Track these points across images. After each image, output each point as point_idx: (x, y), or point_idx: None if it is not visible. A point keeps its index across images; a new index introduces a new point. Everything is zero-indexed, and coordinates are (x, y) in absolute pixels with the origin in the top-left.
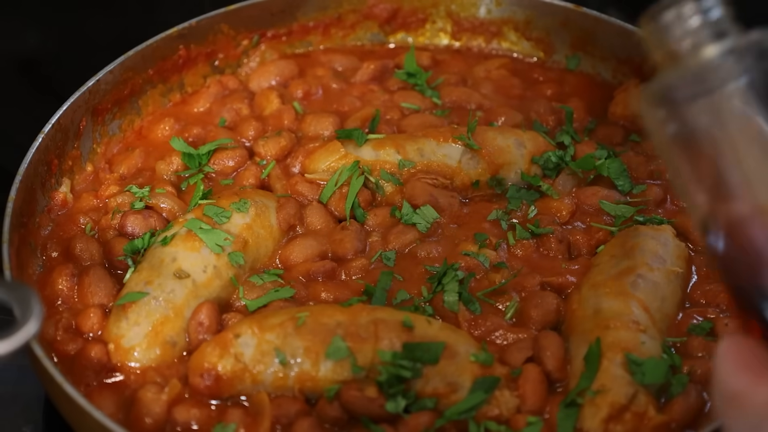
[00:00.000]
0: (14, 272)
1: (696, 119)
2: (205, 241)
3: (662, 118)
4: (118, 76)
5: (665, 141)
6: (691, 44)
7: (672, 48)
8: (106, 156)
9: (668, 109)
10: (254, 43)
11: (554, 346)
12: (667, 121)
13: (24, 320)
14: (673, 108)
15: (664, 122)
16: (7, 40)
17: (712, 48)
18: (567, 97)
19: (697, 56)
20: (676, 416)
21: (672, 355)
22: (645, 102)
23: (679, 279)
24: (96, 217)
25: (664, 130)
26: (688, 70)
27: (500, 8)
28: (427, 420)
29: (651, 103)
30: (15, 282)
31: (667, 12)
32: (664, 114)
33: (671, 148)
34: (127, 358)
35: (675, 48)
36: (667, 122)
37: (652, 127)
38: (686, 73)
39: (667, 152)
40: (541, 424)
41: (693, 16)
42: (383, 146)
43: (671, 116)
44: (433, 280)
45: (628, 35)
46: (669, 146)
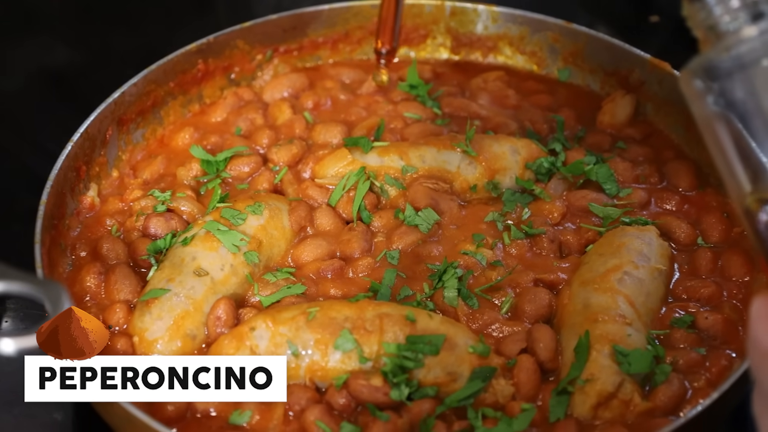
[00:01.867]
0: (46, 270)
1: (735, 95)
2: (223, 241)
3: (702, 93)
4: (142, 88)
5: (705, 117)
6: (731, 23)
7: (713, 26)
8: (131, 162)
9: (708, 85)
10: (268, 57)
11: (546, 339)
12: (706, 97)
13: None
14: (713, 85)
15: (704, 97)
16: (40, 55)
17: (751, 27)
18: (558, 107)
19: (737, 34)
20: (660, 403)
21: (656, 347)
22: (687, 76)
23: (663, 276)
24: (121, 219)
25: (704, 105)
26: (729, 47)
27: (496, 24)
28: (429, 407)
29: (693, 77)
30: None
31: None
32: (704, 90)
33: (711, 123)
34: (150, 350)
35: (716, 26)
36: (706, 98)
37: (692, 103)
38: (726, 50)
39: (708, 129)
40: (534, 410)
41: None
42: (387, 153)
43: (711, 92)
44: (434, 277)
45: (615, 50)
46: (709, 123)
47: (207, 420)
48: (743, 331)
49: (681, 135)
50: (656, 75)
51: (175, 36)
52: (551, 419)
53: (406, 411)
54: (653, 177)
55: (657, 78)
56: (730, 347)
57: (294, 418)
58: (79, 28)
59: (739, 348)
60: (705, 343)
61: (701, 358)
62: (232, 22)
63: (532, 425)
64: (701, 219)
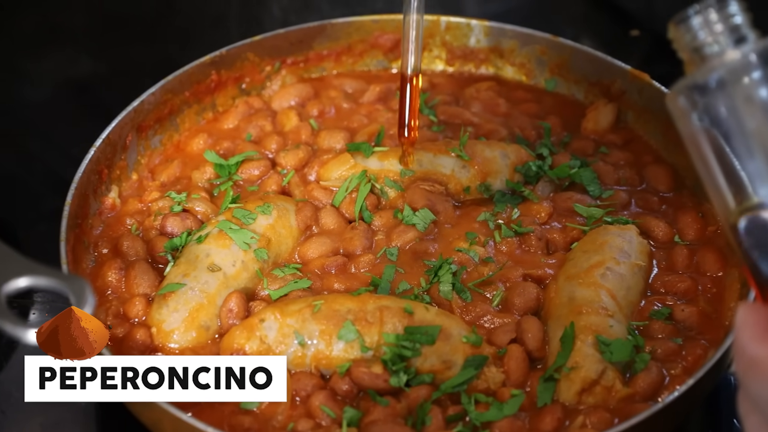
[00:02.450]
0: (70, 266)
1: (717, 112)
2: (234, 239)
3: (688, 111)
4: (159, 97)
5: (691, 134)
6: (715, 47)
7: (698, 49)
8: (149, 166)
9: (694, 104)
10: (276, 68)
11: (534, 329)
12: (692, 115)
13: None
14: (699, 103)
15: (689, 115)
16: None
17: (734, 50)
18: (545, 115)
19: (720, 57)
20: (640, 389)
21: (636, 337)
22: (673, 96)
23: (642, 271)
24: (140, 219)
25: (689, 122)
26: (712, 69)
27: (488, 38)
28: (426, 393)
29: (679, 96)
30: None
31: (695, 18)
32: (690, 108)
33: (696, 140)
34: (167, 340)
35: (701, 49)
36: (692, 115)
37: (678, 119)
38: (710, 71)
39: (692, 145)
40: (523, 396)
41: (717, 23)
42: (387, 157)
43: (696, 110)
44: (430, 272)
45: (598, 61)
46: (694, 139)
47: (220, 405)
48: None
49: (659, 141)
50: (636, 85)
51: (190, 49)
52: (539, 404)
53: (405, 396)
54: (633, 179)
55: (637, 88)
56: (705, 337)
57: (300, 403)
58: (101, 41)
59: (713, 338)
60: (681, 333)
61: (678, 347)
62: (243, 36)
63: (521, 410)
64: (678, 219)
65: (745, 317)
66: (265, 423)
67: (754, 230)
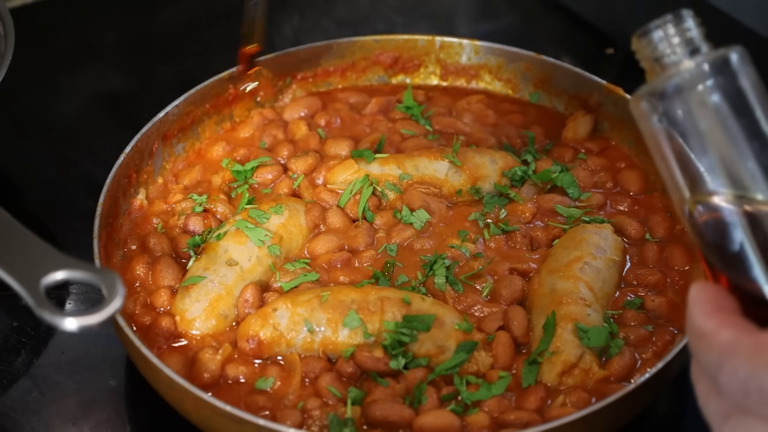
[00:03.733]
0: (102, 261)
1: (675, 115)
2: (250, 236)
3: (648, 114)
4: (182, 109)
5: (652, 134)
6: (672, 57)
7: (658, 59)
8: (173, 171)
9: (654, 107)
10: (287, 83)
11: (520, 318)
12: (652, 117)
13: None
14: (658, 107)
15: (649, 117)
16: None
17: (689, 60)
18: (529, 125)
19: (677, 66)
20: (614, 372)
21: (611, 324)
22: (636, 101)
23: (617, 265)
24: (165, 218)
25: (650, 124)
26: (670, 76)
27: (478, 56)
28: (422, 375)
29: (641, 100)
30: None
31: (655, 31)
32: (650, 111)
33: (656, 139)
34: (189, 327)
35: (660, 59)
36: (652, 117)
37: (640, 121)
38: (668, 78)
39: (654, 144)
40: (509, 378)
41: (675, 36)
42: (387, 163)
43: (656, 113)
44: (426, 266)
45: (577, 76)
46: (654, 138)
47: (237, 385)
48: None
49: (632, 148)
50: (611, 98)
51: (210, 65)
52: (524, 385)
53: (403, 378)
54: (609, 183)
55: (612, 100)
56: (673, 325)
57: (310, 383)
58: (130, 59)
59: (680, 326)
60: (652, 321)
61: (649, 334)
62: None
63: (508, 390)
64: (649, 218)
65: (697, 295)
66: (278, 402)
67: (704, 218)
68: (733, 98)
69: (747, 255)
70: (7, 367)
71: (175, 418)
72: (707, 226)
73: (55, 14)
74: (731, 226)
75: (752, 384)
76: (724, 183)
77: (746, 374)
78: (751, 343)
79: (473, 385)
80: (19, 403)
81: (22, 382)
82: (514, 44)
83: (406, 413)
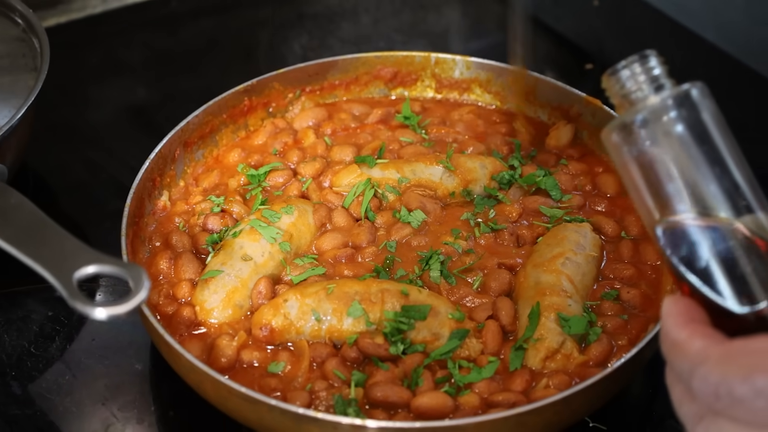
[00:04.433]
0: (129, 256)
1: (643, 145)
2: (263, 234)
3: (620, 145)
4: (202, 119)
5: (622, 162)
6: (639, 93)
7: (626, 96)
8: (194, 175)
9: (624, 139)
10: (297, 95)
11: (507, 308)
12: (623, 147)
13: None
14: (628, 138)
15: (621, 148)
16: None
17: (655, 96)
18: (516, 133)
19: (644, 102)
20: (593, 357)
21: (590, 314)
22: (607, 133)
23: (595, 261)
24: (186, 218)
25: (621, 153)
26: (638, 111)
27: (469, 71)
28: (418, 359)
29: (612, 133)
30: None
31: (623, 71)
32: (621, 142)
33: (627, 167)
34: (208, 316)
35: (628, 96)
36: (623, 148)
37: (612, 151)
38: (636, 113)
39: (624, 171)
40: (498, 362)
41: (641, 74)
42: (387, 168)
43: (626, 143)
44: (422, 261)
45: (559, 90)
46: (625, 166)
47: (251, 369)
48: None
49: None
50: (590, 109)
51: (227, 80)
52: (510, 369)
53: (401, 362)
54: (588, 186)
55: (591, 111)
56: (646, 315)
57: (317, 367)
58: (154, 74)
59: (652, 315)
60: (627, 311)
61: (624, 322)
62: (270, 69)
63: (497, 373)
64: (624, 218)
65: (670, 308)
66: (288, 384)
67: (673, 237)
68: (695, 128)
69: (712, 270)
70: (43, 353)
71: (194, 398)
72: (675, 245)
73: (87, 33)
74: (697, 244)
75: (722, 389)
76: (690, 204)
77: (716, 380)
78: (721, 352)
79: (465, 368)
80: (54, 385)
81: (56, 366)
82: (502, 60)
83: (404, 394)
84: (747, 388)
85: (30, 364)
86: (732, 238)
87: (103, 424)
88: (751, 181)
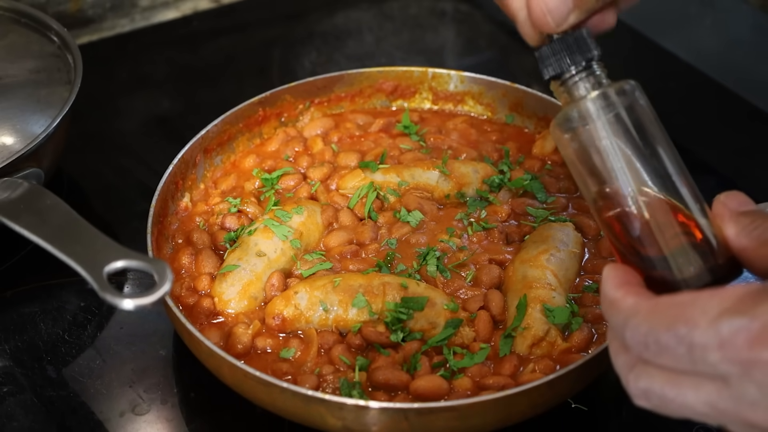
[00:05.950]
0: (154, 252)
1: (584, 137)
2: (276, 232)
3: (565, 137)
4: (220, 128)
5: (568, 153)
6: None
7: (570, 93)
8: (213, 178)
9: (568, 131)
10: (307, 106)
11: (497, 299)
12: (568, 139)
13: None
14: (571, 131)
15: (566, 140)
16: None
17: (594, 93)
18: (505, 141)
19: (584, 98)
20: (575, 344)
21: (572, 305)
22: (554, 128)
23: (577, 257)
24: (206, 217)
25: (567, 145)
26: (579, 107)
27: (463, 84)
28: (417, 346)
29: (558, 128)
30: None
31: (567, 73)
32: (566, 135)
33: (572, 157)
34: (226, 307)
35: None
36: (568, 140)
37: (558, 141)
38: (578, 109)
39: (570, 160)
40: (489, 349)
41: (582, 74)
42: (388, 172)
43: (570, 136)
44: (420, 257)
45: (544, 101)
46: (571, 156)
47: (264, 355)
48: None
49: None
50: None
51: (243, 92)
52: (500, 354)
53: (401, 349)
54: (570, 189)
55: None
56: None
57: (324, 353)
58: (177, 87)
59: None
60: None
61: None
62: (282, 82)
63: (487, 359)
64: None
65: (608, 273)
66: (298, 368)
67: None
68: (629, 118)
69: (644, 237)
70: (76, 340)
71: (213, 381)
72: (612, 217)
73: (116, 50)
74: (629, 216)
75: (650, 338)
76: (623, 182)
77: (645, 330)
78: (649, 306)
79: (459, 354)
80: (86, 369)
81: (87, 352)
82: (493, 74)
83: (403, 378)
84: (671, 336)
85: (64, 350)
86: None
87: (130, 404)
88: (678, 162)
